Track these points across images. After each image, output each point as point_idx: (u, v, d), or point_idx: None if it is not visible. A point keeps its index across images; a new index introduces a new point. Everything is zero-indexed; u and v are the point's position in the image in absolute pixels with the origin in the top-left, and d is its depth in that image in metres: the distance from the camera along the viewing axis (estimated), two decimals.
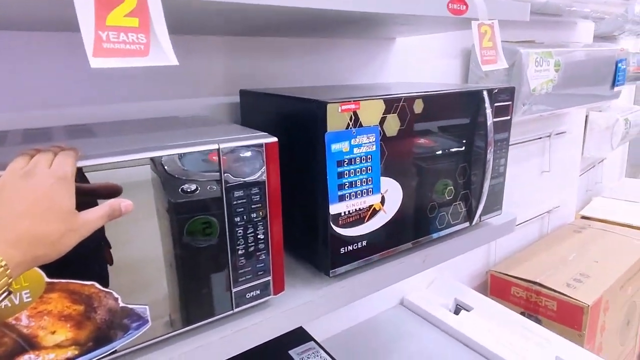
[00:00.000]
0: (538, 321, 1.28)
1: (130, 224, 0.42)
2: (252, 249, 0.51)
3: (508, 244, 1.54)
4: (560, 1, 1.22)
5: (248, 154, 0.48)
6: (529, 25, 1.37)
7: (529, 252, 1.52)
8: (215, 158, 0.46)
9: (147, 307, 0.44)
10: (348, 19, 0.62)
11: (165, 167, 0.43)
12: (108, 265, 0.41)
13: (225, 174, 0.47)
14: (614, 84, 1.52)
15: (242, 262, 0.50)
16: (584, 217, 1.88)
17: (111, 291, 0.41)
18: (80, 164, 0.39)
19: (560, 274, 1.35)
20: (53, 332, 0.38)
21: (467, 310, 1.15)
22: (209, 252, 0.48)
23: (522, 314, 1.32)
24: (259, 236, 0.51)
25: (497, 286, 1.40)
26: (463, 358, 1.00)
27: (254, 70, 0.81)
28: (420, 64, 1.08)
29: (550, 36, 1.48)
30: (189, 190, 0.45)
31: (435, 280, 1.28)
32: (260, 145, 0.49)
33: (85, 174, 0.39)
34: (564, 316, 1.25)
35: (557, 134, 1.59)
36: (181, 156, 0.44)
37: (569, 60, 1.25)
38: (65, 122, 0.65)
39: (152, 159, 0.42)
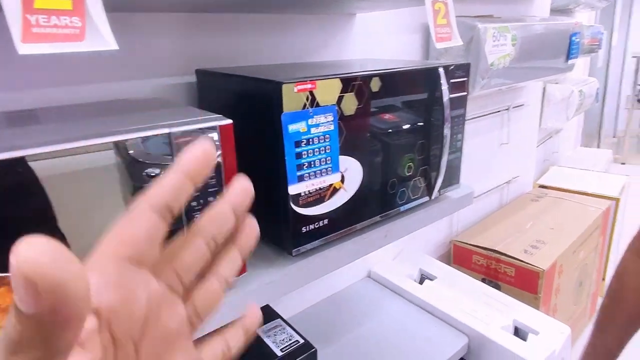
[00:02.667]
0: (497, 286, 1.35)
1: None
2: None
3: (470, 215, 1.60)
4: None
5: (202, 137, 0.47)
6: (488, 0, 1.39)
7: (489, 221, 1.59)
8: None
9: None
10: None
11: (129, 152, 0.42)
12: None
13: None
14: (568, 57, 1.57)
15: None
16: (541, 186, 1.97)
17: None
18: (23, 152, 0.37)
19: (518, 242, 1.42)
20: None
21: (431, 280, 1.20)
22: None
23: (483, 280, 1.39)
24: None
25: (459, 255, 1.46)
26: (428, 325, 1.05)
27: (211, 49, 0.78)
28: (382, 40, 1.07)
29: (508, 10, 1.51)
30: (152, 174, 0.44)
31: (401, 252, 1.32)
32: (214, 128, 0.48)
33: (30, 163, 0.38)
34: (522, 281, 1.32)
35: (515, 107, 1.64)
36: (144, 139, 0.43)
37: (525, 35, 1.28)
38: None
39: (115, 143, 0.42)
